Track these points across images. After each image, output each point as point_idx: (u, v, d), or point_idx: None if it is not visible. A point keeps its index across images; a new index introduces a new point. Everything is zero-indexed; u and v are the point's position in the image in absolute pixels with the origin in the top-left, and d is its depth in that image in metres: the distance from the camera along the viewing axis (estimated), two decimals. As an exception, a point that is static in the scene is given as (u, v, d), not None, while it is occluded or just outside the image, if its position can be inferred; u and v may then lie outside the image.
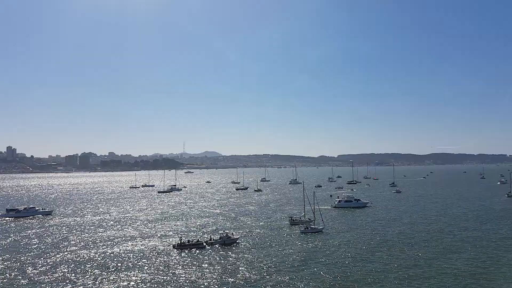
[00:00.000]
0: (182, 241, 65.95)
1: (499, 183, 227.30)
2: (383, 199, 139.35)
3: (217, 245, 65.93)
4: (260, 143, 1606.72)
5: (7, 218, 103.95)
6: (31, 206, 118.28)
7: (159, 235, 77.58)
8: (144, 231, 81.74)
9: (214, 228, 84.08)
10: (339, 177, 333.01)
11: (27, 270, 52.72)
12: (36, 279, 48.86)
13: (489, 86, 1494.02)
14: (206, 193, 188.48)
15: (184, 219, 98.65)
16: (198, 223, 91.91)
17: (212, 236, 71.40)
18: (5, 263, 56.50)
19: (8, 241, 73.38)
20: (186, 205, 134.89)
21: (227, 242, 67.07)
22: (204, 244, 66.11)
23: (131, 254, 61.15)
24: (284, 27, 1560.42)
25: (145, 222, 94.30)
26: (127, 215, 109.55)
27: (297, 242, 69.18)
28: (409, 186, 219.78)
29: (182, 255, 60.25)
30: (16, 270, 53.05)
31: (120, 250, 64.51)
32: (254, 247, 65.15)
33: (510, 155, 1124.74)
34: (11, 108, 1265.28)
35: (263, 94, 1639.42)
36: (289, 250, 62.53)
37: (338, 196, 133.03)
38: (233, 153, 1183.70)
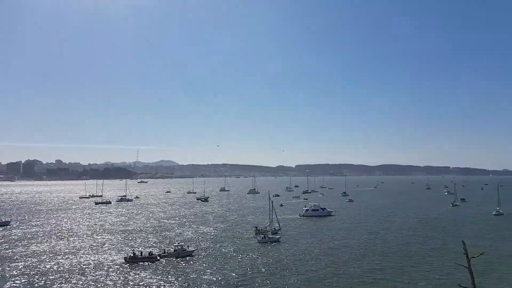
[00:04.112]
0: (135, 254, 62.68)
1: (446, 193, 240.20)
2: (337, 208, 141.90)
3: (171, 258, 63.24)
4: (219, 153, 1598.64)
5: None
6: None
7: (109, 248, 73.31)
8: (92, 244, 76.96)
9: (168, 241, 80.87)
10: (296, 186, 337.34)
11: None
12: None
13: (433, 104, 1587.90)
14: (162, 204, 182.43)
15: (136, 231, 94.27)
16: (152, 236, 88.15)
17: (165, 249, 68.55)
18: None
19: None
20: (138, 216, 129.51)
21: (181, 254, 64.60)
22: (158, 257, 63.19)
23: (78, 269, 57.04)
24: (244, 38, 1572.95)
25: (93, 235, 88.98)
26: (74, 227, 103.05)
27: (254, 252, 68.18)
28: (361, 196, 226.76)
29: (133, 269, 57.04)
30: None
31: (66, 264, 60.04)
32: (209, 259, 63.32)
33: (453, 167, 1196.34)
34: None
35: (221, 103, 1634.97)
36: (244, 261, 61.44)
37: (305, 205, 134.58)
38: (191, 162, 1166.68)
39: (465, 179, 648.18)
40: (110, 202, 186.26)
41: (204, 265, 59.72)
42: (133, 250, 66.77)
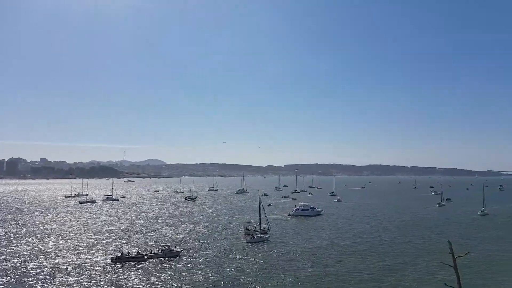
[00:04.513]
0: (122, 254, 61.91)
1: (432, 193, 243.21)
2: (325, 208, 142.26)
3: (158, 258, 62.54)
4: (207, 152, 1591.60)
5: None
6: None
7: (94, 248, 72.15)
8: (77, 245, 75.69)
9: (155, 241, 79.93)
10: (285, 186, 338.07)
11: None
12: None
13: (419, 106, 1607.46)
14: (150, 203, 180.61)
15: (122, 231, 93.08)
16: (139, 236, 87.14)
17: (152, 249, 67.77)
18: None
19: None
20: (124, 216, 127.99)
21: (168, 255, 63.93)
22: (145, 257, 62.52)
23: (63, 269, 55.99)
24: (242, 39, 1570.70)
25: (78, 235, 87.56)
26: (58, 226, 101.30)
27: (241, 252, 67.90)
28: (349, 196, 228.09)
29: (120, 268, 56.23)
30: None
31: (49, 264, 58.87)
32: (196, 259, 62.83)
33: (439, 168, 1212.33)
34: None
35: (211, 103, 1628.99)
36: (231, 261, 61.15)
37: (295, 205, 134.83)
38: (179, 161, 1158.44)
39: (451, 180, 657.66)
40: (95, 202, 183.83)
41: (191, 265, 59.18)
42: (121, 250, 65.94)
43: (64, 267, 57.70)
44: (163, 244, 69.35)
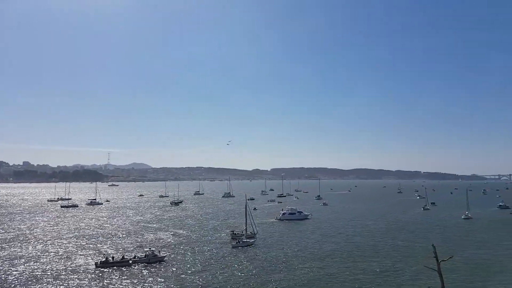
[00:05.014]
0: (107, 259, 60.83)
1: (417, 197, 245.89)
2: (311, 212, 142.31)
3: (142, 263, 61.45)
4: (193, 156, 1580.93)
5: None
6: None
7: (76, 253, 70.50)
8: (58, 250, 73.91)
9: (139, 246, 78.52)
10: (271, 190, 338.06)
11: None
12: None
13: (403, 110, 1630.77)
14: (134, 207, 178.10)
15: (105, 236, 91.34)
16: (122, 240, 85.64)
17: (136, 254, 66.58)
18: None
19: None
20: (108, 220, 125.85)
21: (152, 260, 62.84)
22: (130, 261, 61.46)
23: (46, 275, 54.48)
24: (219, 42, 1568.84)
25: (60, 240, 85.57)
26: (39, 231, 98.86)
27: (226, 257, 67.16)
28: (335, 199, 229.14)
29: (104, 274, 54.96)
30: None
31: (31, 270, 57.20)
32: (180, 264, 61.93)
33: (424, 172, 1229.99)
34: None
35: (194, 106, 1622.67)
36: (215, 266, 60.36)
37: (282, 209, 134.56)
38: (164, 165, 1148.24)
39: (436, 184, 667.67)
40: (77, 206, 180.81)
41: (175, 270, 58.34)
42: (105, 255, 64.89)
43: (45, 273, 56.08)
44: (147, 249, 68.19)
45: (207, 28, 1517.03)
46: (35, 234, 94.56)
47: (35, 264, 62.16)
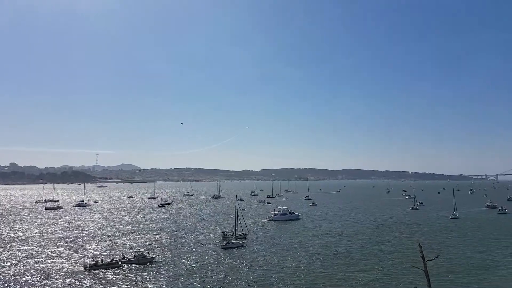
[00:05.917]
0: (96, 262, 60.30)
1: (406, 197, 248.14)
2: (301, 212, 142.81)
3: (131, 264, 61.10)
4: (182, 157, 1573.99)
5: None
6: None
7: (61, 256, 69.53)
8: (42, 252, 72.88)
9: (128, 247, 77.96)
10: (261, 190, 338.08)
11: None
12: None
13: (391, 112, 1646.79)
14: (121, 209, 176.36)
15: (91, 238, 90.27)
16: (110, 242, 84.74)
17: (125, 255, 66.09)
18: None
19: None
20: (97, 222, 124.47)
21: (141, 261, 62.46)
22: (119, 262, 61.05)
23: (35, 277, 53.68)
24: (209, 41, 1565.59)
25: (45, 242, 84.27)
26: (22, 234, 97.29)
27: (215, 258, 67.04)
28: (324, 200, 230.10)
29: (93, 276, 54.38)
30: None
31: (22, 272, 56.29)
32: (169, 266, 61.69)
33: (412, 172, 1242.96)
34: None
35: (184, 107, 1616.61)
36: (203, 268, 60.27)
37: (274, 209, 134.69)
38: (153, 166, 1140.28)
39: (424, 184, 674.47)
40: (61, 208, 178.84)
41: (164, 271, 58.12)
42: (95, 257, 64.28)
43: (32, 277, 55.25)
44: (136, 250, 67.79)
45: (198, 30, 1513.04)
46: (18, 237, 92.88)
47: (20, 267, 61.14)
